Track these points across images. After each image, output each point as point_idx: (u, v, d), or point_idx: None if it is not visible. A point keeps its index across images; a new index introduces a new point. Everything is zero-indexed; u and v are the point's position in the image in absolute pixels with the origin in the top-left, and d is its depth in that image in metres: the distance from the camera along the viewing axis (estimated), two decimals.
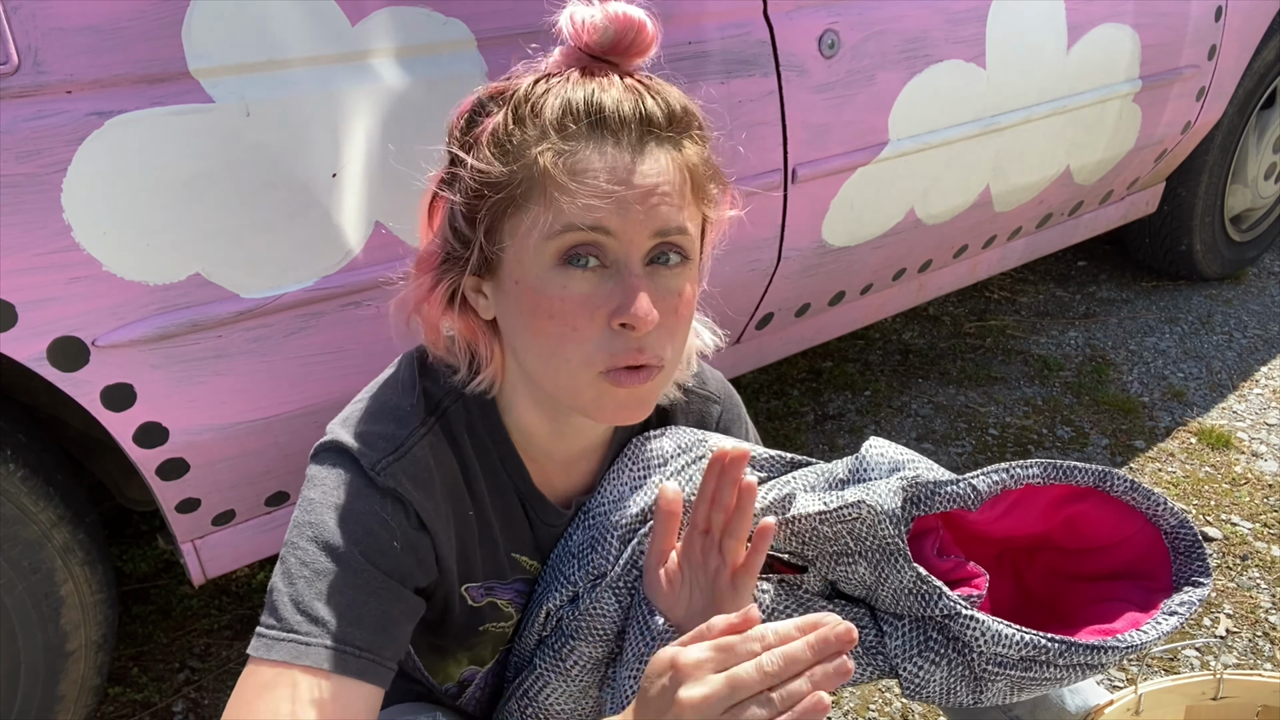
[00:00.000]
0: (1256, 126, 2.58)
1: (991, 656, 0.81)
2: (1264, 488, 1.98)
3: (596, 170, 0.70)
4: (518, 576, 0.89)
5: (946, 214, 1.80)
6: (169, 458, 1.13)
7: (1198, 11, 2.05)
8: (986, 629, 0.80)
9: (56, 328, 1.00)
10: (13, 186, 0.94)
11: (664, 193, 0.71)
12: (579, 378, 0.74)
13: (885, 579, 0.82)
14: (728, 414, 0.99)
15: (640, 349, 0.72)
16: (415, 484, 0.78)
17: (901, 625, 0.84)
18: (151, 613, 1.70)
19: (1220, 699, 0.97)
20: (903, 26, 1.56)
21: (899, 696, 1.52)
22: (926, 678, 0.83)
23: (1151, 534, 0.87)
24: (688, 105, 0.75)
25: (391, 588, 0.77)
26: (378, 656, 0.75)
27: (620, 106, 0.71)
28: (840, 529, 0.82)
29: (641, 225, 0.71)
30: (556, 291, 0.72)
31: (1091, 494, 0.87)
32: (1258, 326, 2.60)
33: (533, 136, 0.72)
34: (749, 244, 1.52)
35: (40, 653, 1.19)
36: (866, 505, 0.80)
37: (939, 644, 0.82)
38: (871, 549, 0.82)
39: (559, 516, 0.89)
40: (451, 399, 0.83)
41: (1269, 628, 1.64)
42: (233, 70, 1.03)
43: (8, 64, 0.92)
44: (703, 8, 1.35)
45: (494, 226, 0.74)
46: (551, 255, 0.72)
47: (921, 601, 0.81)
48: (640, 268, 0.72)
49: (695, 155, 0.75)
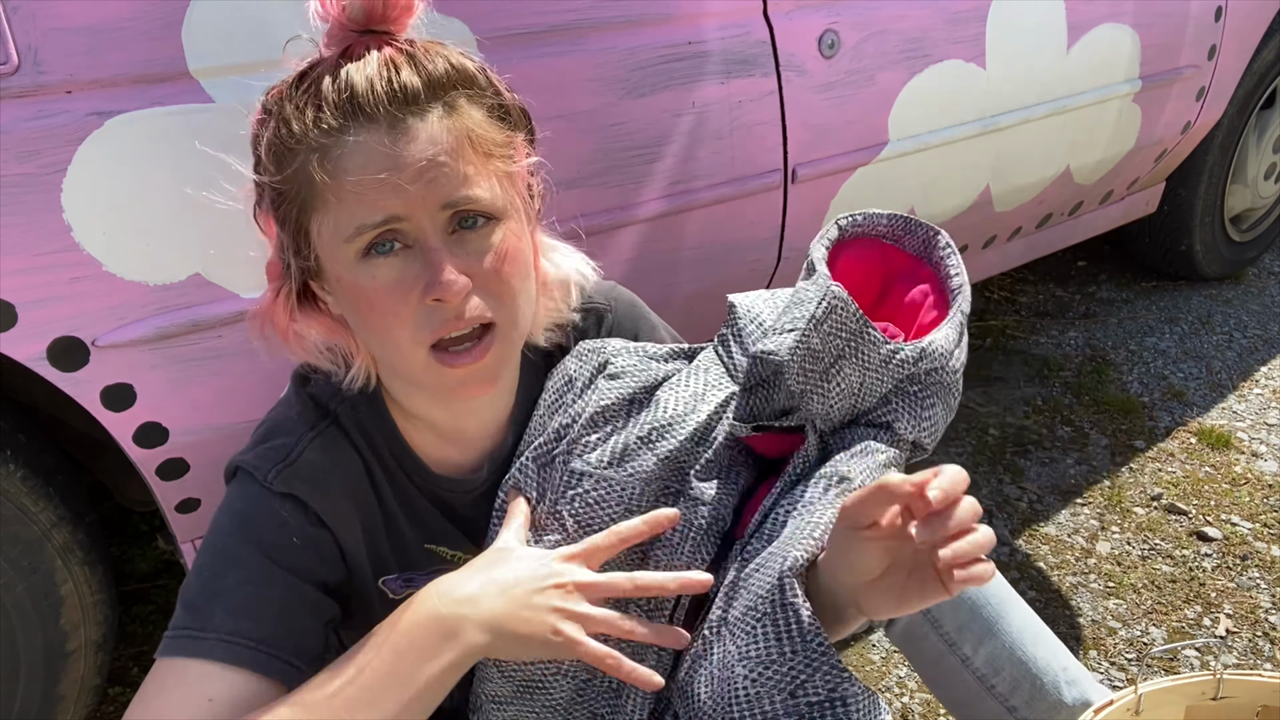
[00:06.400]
0: (1256, 126, 2.58)
1: (952, 360, 0.87)
2: (1264, 488, 1.98)
3: (362, 163, 0.70)
4: (435, 566, 0.88)
5: (946, 214, 1.80)
6: (169, 458, 1.13)
7: (1198, 11, 2.06)
8: (939, 344, 0.85)
9: (56, 328, 1.00)
10: (13, 186, 0.94)
11: (440, 163, 0.71)
12: (413, 359, 0.75)
13: (867, 363, 0.85)
14: (620, 316, 0.95)
15: (459, 315, 0.73)
16: (310, 485, 0.80)
17: (893, 406, 0.87)
18: (151, 613, 1.70)
19: (1220, 699, 0.97)
20: (903, 26, 1.56)
21: (899, 696, 1.52)
22: (934, 420, 0.87)
23: (876, 244, 0.93)
24: (456, 64, 0.73)
25: (290, 582, 0.77)
26: (274, 650, 0.74)
27: (372, 86, 0.69)
28: (825, 330, 0.83)
29: (424, 202, 0.71)
30: (368, 283, 0.72)
31: (840, 248, 0.93)
32: (1258, 326, 2.60)
33: (297, 140, 0.71)
34: (749, 244, 1.52)
35: (40, 653, 1.19)
36: (833, 289, 0.82)
37: (922, 391, 0.86)
38: (847, 340, 0.84)
39: (472, 484, 0.88)
40: (337, 401, 0.84)
41: (1269, 628, 1.64)
42: (233, 70, 1.03)
43: (8, 64, 0.92)
44: (703, 8, 1.35)
45: (298, 233, 0.75)
46: (354, 253, 0.72)
47: (897, 369, 0.85)
48: (439, 239, 0.72)
49: (472, 115, 0.73)
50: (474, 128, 0.73)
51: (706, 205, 1.41)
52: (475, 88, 0.74)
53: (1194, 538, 1.85)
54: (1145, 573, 1.77)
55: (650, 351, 0.91)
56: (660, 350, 0.91)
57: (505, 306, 0.76)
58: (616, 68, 1.28)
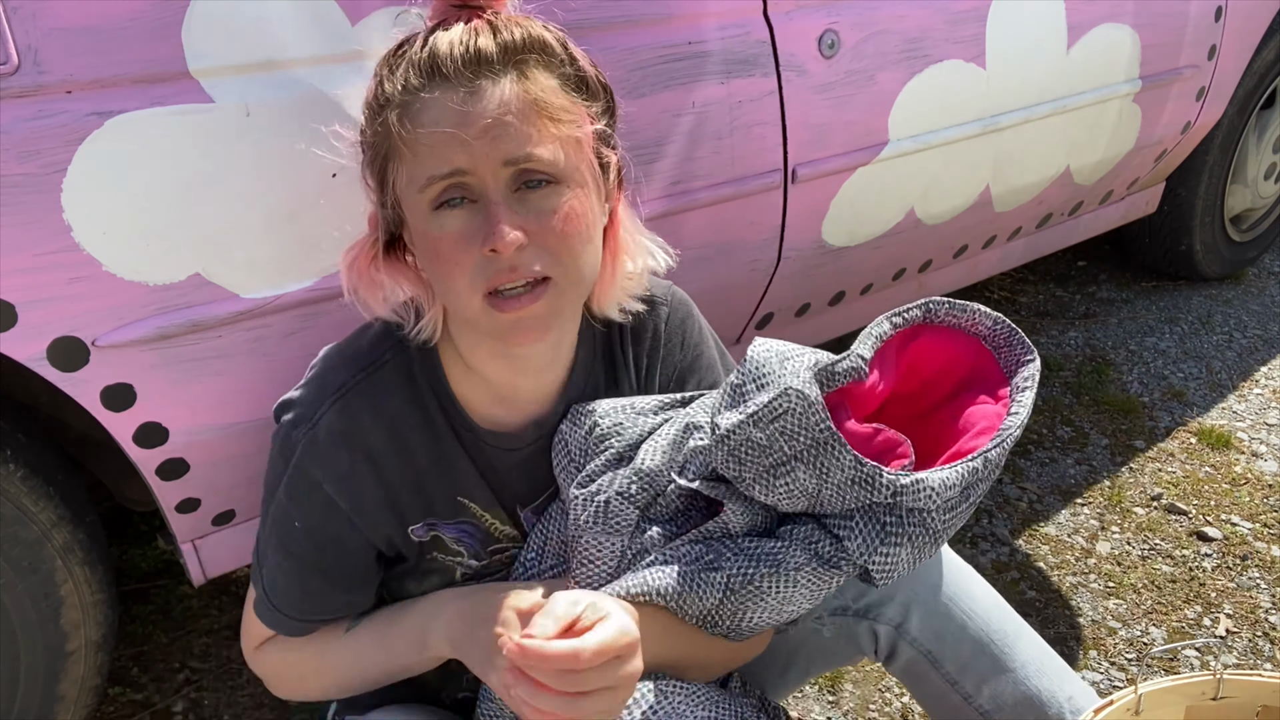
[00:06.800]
0: (1256, 126, 2.58)
1: (943, 506, 0.82)
2: (1264, 488, 1.98)
3: (435, 119, 0.77)
4: (463, 519, 0.94)
5: (946, 214, 1.80)
6: (169, 458, 1.13)
7: (1197, 11, 2.05)
8: (931, 486, 0.81)
9: (56, 328, 1.00)
10: (13, 186, 0.94)
11: (505, 122, 0.76)
12: (470, 305, 0.81)
13: (827, 475, 0.82)
14: (675, 314, 1.02)
15: (513, 267, 0.79)
16: (323, 463, 0.87)
17: (854, 523, 0.84)
18: (151, 613, 1.70)
19: (1220, 699, 0.97)
20: (903, 26, 1.56)
21: (899, 696, 1.52)
22: (894, 560, 0.84)
23: (973, 343, 0.91)
24: (534, 33, 0.79)
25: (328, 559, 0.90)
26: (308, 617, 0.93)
27: (452, 50, 0.76)
28: (773, 429, 0.81)
29: (488, 158, 0.77)
30: (437, 232, 0.80)
31: (922, 329, 0.91)
32: (1258, 326, 2.60)
33: (386, 97, 0.79)
34: (749, 244, 1.52)
35: (40, 653, 1.19)
36: (794, 390, 0.80)
37: (895, 525, 0.83)
38: (806, 446, 0.81)
39: (516, 442, 0.94)
40: (394, 350, 0.90)
41: (1269, 628, 1.64)
42: (233, 70, 1.03)
43: (8, 64, 0.92)
44: (703, 8, 1.35)
45: (383, 183, 0.83)
46: (426, 204, 0.79)
47: (866, 488, 0.82)
48: (502, 195, 0.78)
49: (541, 81, 0.79)
50: (543, 94, 0.78)
51: (706, 205, 1.41)
52: (550, 56, 0.80)
53: (1194, 538, 1.85)
54: (1145, 573, 1.77)
55: (639, 407, 0.95)
56: (648, 403, 0.95)
57: (562, 264, 0.81)
58: (616, 68, 1.28)
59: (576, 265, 0.83)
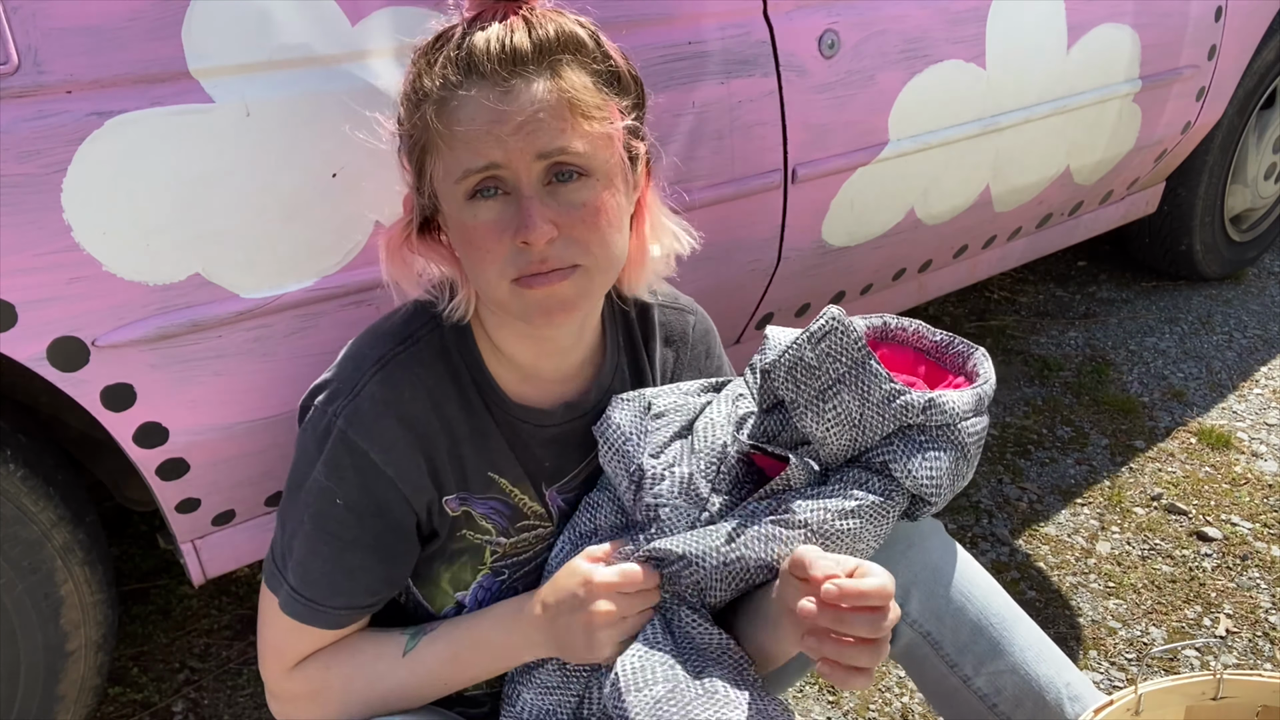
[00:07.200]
0: (1256, 126, 2.58)
1: (965, 419, 0.92)
2: (1264, 488, 1.98)
3: (471, 115, 0.79)
4: (493, 495, 0.96)
5: (946, 214, 1.80)
6: (169, 458, 1.13)
7: (1198, 11, 2.05)
8: (952, 401, 0.91)
9: (56, 328, 1.00)
10: (13, 186, 0.94)
11: (538, 119, 0.79)
12: (499, 290, 0.84)
13: (868, 395, 0.90)
14: (700, 324, 1.10)
15: (543, 260, 0.82)
16: (366, 434, 0.88)
17: (894, 447, 0.92)
18: (151, 613, 1.70)
19: (1220, 699, 0.97)
20: (903, 26, 1.56)
21: (899, 696, 1.52)
22: (938, 469, 0.91)
23: (919, 356, 1.02)
24: (567, 30, 0.81)
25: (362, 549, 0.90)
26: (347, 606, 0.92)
27: (488, 48, 0.79)
28: (821, 349, 0.90)
29: (522, 152, 0.80)
30: (471, 221, 0.83)
31: (878, 345, 1.03)
32: (1258, 326, 2.60)
33: (424, 92, 0.82)
34: (749, 244, 1.52)
35: (40, 653, 1.19)
36: (832, 313, 0.90)
37: (928, 440, 0.92)
38: (848, 367, 0.90)
39: (546, 419, 0.97)
40: (429, 327, 0.92)
41: (1269, 628, 1.64)
42: (233, 70, 1.03)
43: (8, 64, 0.92)
44: (703, 8, 1.35)
45: (420, 172, 0.87)
46: (462, 194, 0.82)
47: (900, 411, 0.91)
48: (535, 189, 0.81)
49: (574, 78, 0.81)
50: (575, 92, 0.81)
51: (706, 205, 1.41)
52: (582, 53, 0.82)
53: (1194, 538, 1.85)
54: (1145, 573, 1.77)
55: (684, 389, 1.01)
56: (692, 386, 1.02)
57: (591, 253, 0.84)
58: None
59: (606, 253, 0.86)
